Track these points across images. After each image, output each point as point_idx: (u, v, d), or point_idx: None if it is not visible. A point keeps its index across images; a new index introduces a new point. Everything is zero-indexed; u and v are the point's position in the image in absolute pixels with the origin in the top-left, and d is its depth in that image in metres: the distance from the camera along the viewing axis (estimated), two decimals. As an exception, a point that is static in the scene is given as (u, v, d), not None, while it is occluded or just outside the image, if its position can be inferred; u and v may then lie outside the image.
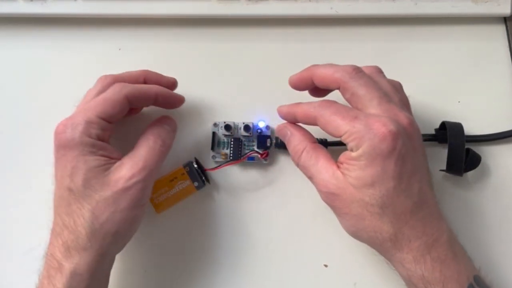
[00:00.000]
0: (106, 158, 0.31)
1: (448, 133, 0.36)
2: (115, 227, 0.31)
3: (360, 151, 0.29)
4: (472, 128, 0.38)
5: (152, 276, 0.37)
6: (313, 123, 0.32)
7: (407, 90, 0.34)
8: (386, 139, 0.28)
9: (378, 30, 0.42)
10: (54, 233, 0.31)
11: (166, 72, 0.38)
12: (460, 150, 0.36)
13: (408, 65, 0.41)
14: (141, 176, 0.31)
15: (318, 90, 0.35)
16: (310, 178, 0.33)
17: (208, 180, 0.38)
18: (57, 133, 0.31)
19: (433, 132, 0.38)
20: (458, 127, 0.37)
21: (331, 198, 0.31)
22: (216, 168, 0.37)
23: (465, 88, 0.41)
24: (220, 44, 0.42)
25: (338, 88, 0.32)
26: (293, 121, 0.35)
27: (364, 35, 0.42)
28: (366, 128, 0.29)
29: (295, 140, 0.34)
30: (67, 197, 0.30)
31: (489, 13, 0.41)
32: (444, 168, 0.36)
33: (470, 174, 0.38)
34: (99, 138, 0.31)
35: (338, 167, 0.31)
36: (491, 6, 0.41)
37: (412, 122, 0.31)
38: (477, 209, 0.37)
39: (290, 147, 0.34)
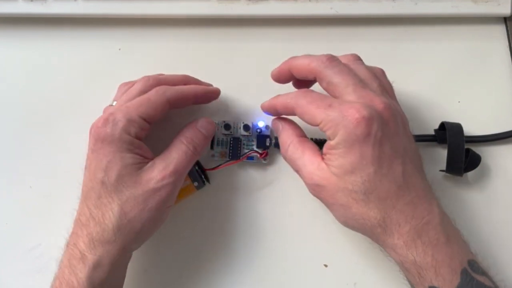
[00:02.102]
0: (141, 157, 0.32)
1: (448, 134, 0.36)
2: (140, 224, 0.31)
3: (337, 139, 0.30)
4: (472, 128, 0.38)
5: (152, 276, 0.37)
6: (292, 113, 0.33)
7: (407, 90, 0.34)
8: (360, 124, 0.29)
9: (378, 30, 0.42)
10: (79, 223, 0.32)
11: (166, 72, 0.38)
12: (460, 150, 0.36)
13: (408, 65, 0.41)
14: (171, 179, 0.32)
15: (301, 82, 0.36)
16: (297, 171, 0.33)
17: (208, 180, 0.38)
18: (97, 127, 0.31)
19: (432, 132, 0.38)
20: (457, 127, 0.37)
21: (317, 190, 0.32)
22: (216, 168, 0.37)
23: (465, 88, 0.40)
24: (220, 44, 0.42)
25: (315, 78, 0.33)
26: (275, 114, 0.36)
27: (364, 35, 0.42)
28: (340, 115, 0.29)
29: (284, 134, 0.35)
30: (98, 189, 0.31)
31: (489, 13, 0.41)
32: (444, 168, 0.36)
33: (470, 174, 0.38)
34: (137, 137, 0.32)
35: (323, 158, 0.32)
36: (491, 6, 0.41)
37: (388, 106, 0.30)
38: (477, 209, 0.37)
39: (280, 140, 0.35)
